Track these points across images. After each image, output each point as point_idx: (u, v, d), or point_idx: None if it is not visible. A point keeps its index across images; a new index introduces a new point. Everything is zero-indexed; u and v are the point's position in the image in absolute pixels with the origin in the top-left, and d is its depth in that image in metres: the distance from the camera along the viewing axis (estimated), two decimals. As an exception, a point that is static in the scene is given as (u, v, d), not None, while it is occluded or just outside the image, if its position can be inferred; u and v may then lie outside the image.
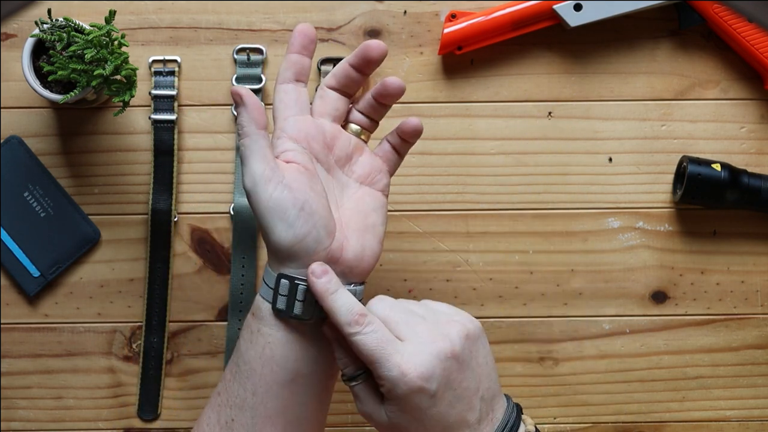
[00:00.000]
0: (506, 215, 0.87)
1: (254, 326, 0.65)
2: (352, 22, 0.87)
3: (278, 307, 0.64)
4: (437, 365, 0.62)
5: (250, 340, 0.65)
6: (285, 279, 0.64)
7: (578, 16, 0.84)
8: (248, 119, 0.66)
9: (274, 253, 0.65)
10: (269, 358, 0.65)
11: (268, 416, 0.65)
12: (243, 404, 0.65)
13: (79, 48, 0.76)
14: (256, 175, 0.64)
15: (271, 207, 0.63)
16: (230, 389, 0.66)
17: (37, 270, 0.86)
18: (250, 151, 0.65)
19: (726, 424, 0.88)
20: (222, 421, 0.65)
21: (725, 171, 0.84)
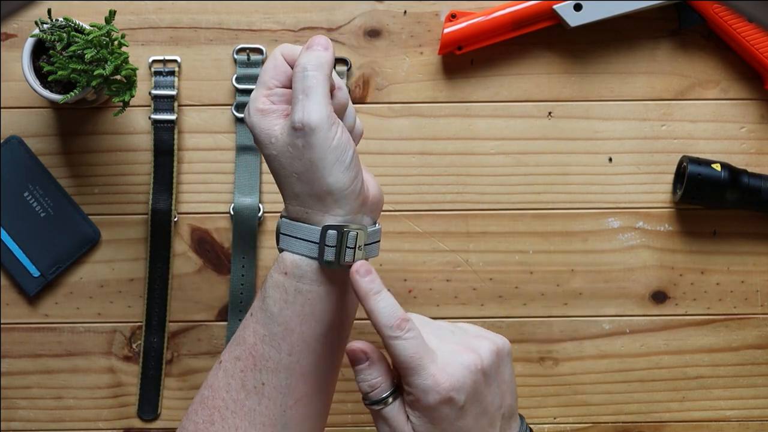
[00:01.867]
0: (506, 215, 0.87)
1: (289, 285, 0.64)
2: (352, 22, 0.87)
3: (327, 259, 0.63)
4: (467, 377, 0.61)
5: (285, 300, 0.64)
6: (332, 230, 0.63)
7: (578, 16, 0.84)
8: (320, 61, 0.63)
9: (322, 198, 0.63)
10: (309, 315, 0.64)
11: (303, 373, 0.65)
12: (277, 366, 0.64)
13: (79, 48, 0.76)
14: (323, 115, 0.62)
15: (335, 147, 0.62)
16: (257, 353, 0.64)
17: (37, 270, 0.86)
18: (319, 85, 0.62)
19: (726, 424, 0.88)
20: (248, 387, 0.64)
21: (725, 171, 0.84)
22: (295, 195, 0.64)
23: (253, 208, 0.86)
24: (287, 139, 0.63)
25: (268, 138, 0.64)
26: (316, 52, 0.64)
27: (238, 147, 0.87)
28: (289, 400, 0.64)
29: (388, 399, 0.63)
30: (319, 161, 0.62)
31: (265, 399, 0.64)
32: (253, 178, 0.86)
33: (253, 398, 0.64)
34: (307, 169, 0.62)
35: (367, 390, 0.63)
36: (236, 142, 0.87)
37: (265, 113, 0.64)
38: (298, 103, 0.62)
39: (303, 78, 0.63)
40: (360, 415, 0.87)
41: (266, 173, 0.87)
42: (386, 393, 0.63)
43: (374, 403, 0.63)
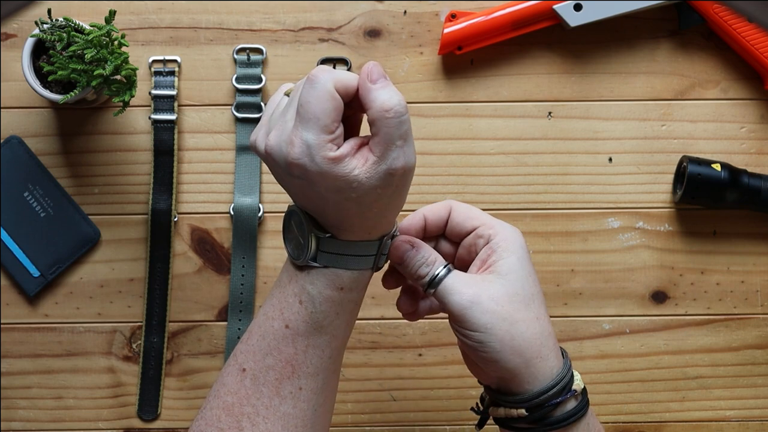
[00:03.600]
0: (506, 215, 0.87)
1: (345, 299, 0.65)
2: (352, 22, 0.87)
3: (380, 266, 0.66)
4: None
5: (336, 313, 0.64)
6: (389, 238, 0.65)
7: (578, 16, 0.84)
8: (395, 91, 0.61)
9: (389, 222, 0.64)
10: (353, 319, 0.66)
11: (334, 371, 0.66)
12: (317, 371, 0.65)
13: (79, 48, 0.76)
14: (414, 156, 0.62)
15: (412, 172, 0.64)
16: (299, 361, 0.65)
17: (37, 270, 0.86)
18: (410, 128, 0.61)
19: (726, 424, 0.88)
20: (284, 393, 0.65)
21: (725, 171, 0.84)
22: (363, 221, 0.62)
23: (253, 208, 0.86)
24: (376, 182, 0.60)
25: (347, 184, 0.60)
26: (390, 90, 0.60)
27: (238, 147, 0.87)
28: (321, 398, 0.66)
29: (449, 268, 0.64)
30: (402, 194, 0.62)
31: (300, 402, 0.65)
32: (253, 178, 0.86)
33: (289, 403, 0.65)
34: (390, 202, 0.62)
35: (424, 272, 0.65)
36: (236, 142, 0.87)
37: (338, 161, 0.59)
38: (398, 149, 0.60)
39: (398, 124, 0.59)
40: (360, 415, 0.88)
41: (266, 173, 0.87)
42: (444, 265, 0.65)
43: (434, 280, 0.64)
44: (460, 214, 0.67)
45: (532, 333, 0.63)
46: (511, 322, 0.63)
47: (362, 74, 0.60)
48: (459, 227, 0.67)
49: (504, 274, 0.64)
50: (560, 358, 0.65)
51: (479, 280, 0.64)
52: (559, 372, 0.64)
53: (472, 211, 0.67)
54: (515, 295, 0.63)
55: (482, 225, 0.66)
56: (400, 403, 0.88)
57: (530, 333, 0.63)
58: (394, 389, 0.88)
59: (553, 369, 0.64)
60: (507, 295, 0.63)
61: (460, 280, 0.64)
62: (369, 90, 0.60)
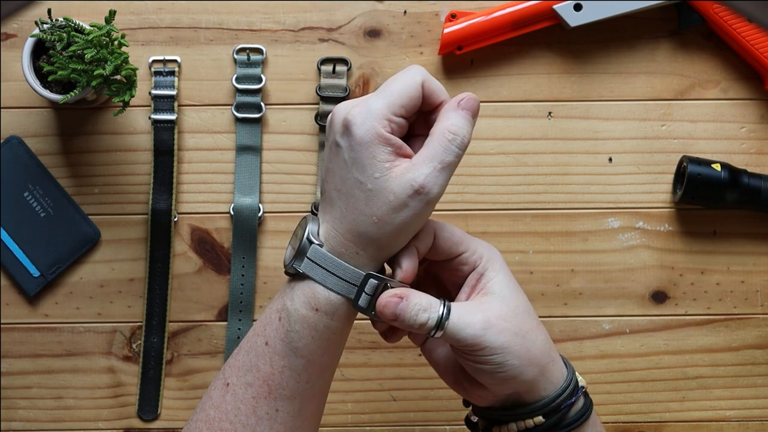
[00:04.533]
0: (506, 215, 0.87)
1: (319, 322, 0.63)
2: (352, 22, 0.87)
3: (360, 305, 0.63)
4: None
5: (312, 337, 0.63)
6: (375, 279, 0.62)
7: (578, 16, 0.84)
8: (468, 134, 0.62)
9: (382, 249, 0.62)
10: (333, 347, 0.65)
11: (314, 395, 0.65)
12: (294, 394, 0.64)
13: (79, 48, 0.76)
14: (441, 192, 0.62)
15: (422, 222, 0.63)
16: (275, 382, 0.64)
17: (37, 270, 0.86)
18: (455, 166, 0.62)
19: (726, 424, 0.88)
20: (261, 413, 0.64)
21: (725, 171, 0.84)
22: (360, 233, 0.62)
23: (253, 208, 0.86)
24: (396, 189, 0.60)
25: (373, 169, 0.60)
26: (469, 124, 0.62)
27: (238, 147, 0.87)
28: (298, 422, 0.65)
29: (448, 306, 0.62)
30: (410, 225, 0.62)
31: (277, 424, 0.64)
32: (253, 178, 0.86)
33: (265, 424, 0.64)
34: (394, 224, 0.61)
35: (423, 318, 0.62)
36: (236, 142, 0.87)
37: (383, 141, 0.60)
38: (433, 170, 0.60)
39: (449, 151, 0.61)
40: (360, 415, 0.88)
41: (266, 173, 0.87)
42: (440, 304, 0.63)
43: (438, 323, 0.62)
44: (445, 241, 0.65)
45: (542, 340, 0.64)
46: (523, 335, 0.63)
47: (458, 96, 0.62)
48: (444, 253, 0.65)
49: (499, 293, 0.64)
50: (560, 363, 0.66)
51: (480, 304, 0.64)
52: (566, 373, 0.65)
53: (454, 236, 0.65)
54: (517, 309, 0.64)
55: (467, 251, 0.65)
56: (400, 403, 0.88)
57: (540, 340, 0.64)
58: (394, 389, 0.88)
59: (562, 370, 0.65)
60: (511, 311, 0.63)
61: (464, 313, 0.63)
62: (452, 108, 0.61)
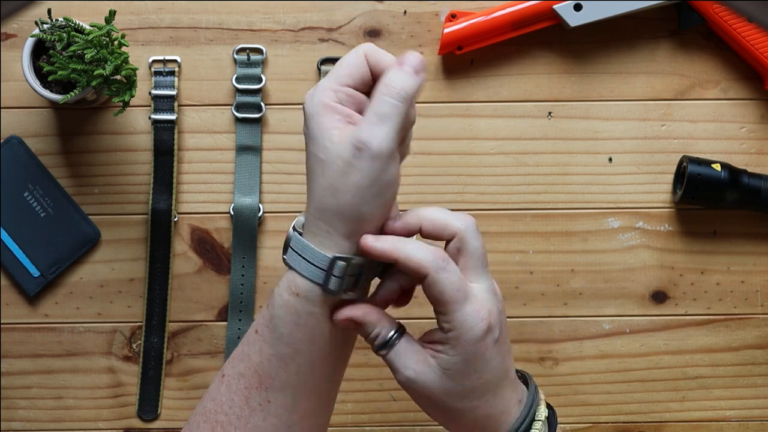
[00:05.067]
0: (506, 215, 0.87)
1: (301, 308, 0.62)
2: (352, 22, 0.87)
3: (330, 288, 0.62)
4: (494, 302, 0.63)
5: (296, 323, 0.63)
6: (342, 261, 0.61)
7: (578, 16, 0.84)
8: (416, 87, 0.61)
9: (349, 221, 0.61)
10: (319, 336, 0.63)
11: (308, 391, 0.64)
12: (284, 386, 0.63)
13: (79, 48, 0.76)
14: (389, 147, 0.60)
15: (384, 182, 0.60)
16: (264, 372, 0.64)
17: (37, 270, 0.86)
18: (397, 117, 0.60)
19: (726, 424, 0.88)
20: (253, 404, 0.64)
21: (725, 171, 0.84)
22: (323, 208, 0.61)
23: (253, 208, 0.86)
24: (341, 152, 0.60)
25: (322, 138, 0.60)
26: (406, 75, 0.61)
27: (238, 147, 0.87)
28: (294, 416, 0.64)
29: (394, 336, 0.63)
30: (363, 188, 0.60)
31: (270, 416, 0.64)
32: (253, 178, 0.86)
33: (258, 415, 0.64)
34: (347, 190, 0.60)
35: (376, 332, 0.63)
36: (236, 142, 0.87)
37: (329, 110, 0.61)
38: (370, 124, 0.60)
39: (384, 102, 0.60)
40: (360, 415, 0.88)
41: (266, 173, 0.87)
42: (395, 331, 0.63)
43: (384, 343, 0.63)
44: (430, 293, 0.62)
45: (467, 420, 0.64)
46: (444, 410, 0.64)
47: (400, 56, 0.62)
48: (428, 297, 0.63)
49: (445, 369, 0.62)
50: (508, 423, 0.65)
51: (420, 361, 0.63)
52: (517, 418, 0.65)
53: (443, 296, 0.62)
54: (451, 389, 0.63)
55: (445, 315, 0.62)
56: (400, 403, 0.88)
57: (465, 420, 0.64)
58: (394, 389, 0.88)
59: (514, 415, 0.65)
60: (442, 388, 0.63)
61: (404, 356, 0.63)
62: (390, 67, 0.61)
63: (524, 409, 0.65)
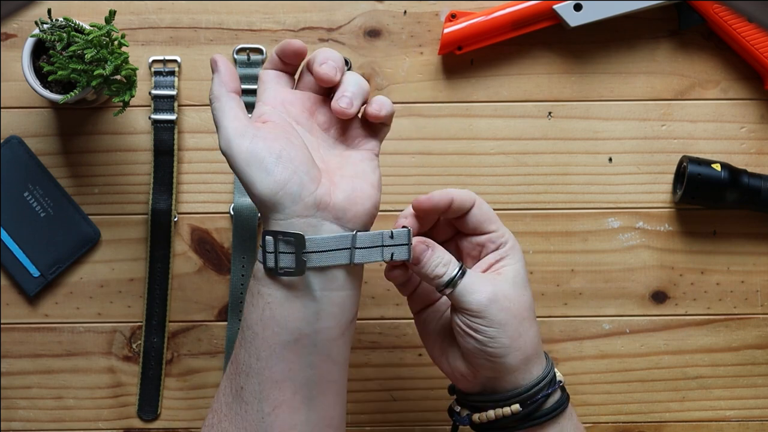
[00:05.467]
0: (506, 215, 0.87)
1: (254, 288, 0.64)
2: (352, 22, 0.87)
3: (268, 266, 0.63)
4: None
5: (251, 303, 0.64)
6: (269, 235, 0.62)
7: (578, 16, 0.84)
8: (219, 83, 0.67)
9: (259, 207, 0.64)
10: (269, 319, 0.63)
11: (275, 380, 0.63)
12: (249, 370, 0.64)
13: (79, 48, 0.76)
14: (229, 132, 0.64)
15: (248, 159, 0.63)
16: (238, 357, 0.65)
17: (37, 270, 0.86)
18: (221, 113, 0.65)
19: (726, 424, 0.88)
20: (234, 390, 0.65)
21: (725, 171, 0.84)
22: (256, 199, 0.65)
23: (253, 208, 0.86)
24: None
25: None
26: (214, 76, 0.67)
27: (238, 147, 0.86)
28: (265, 407, 0.63)
29: (463, 268, 0.67)
30: (242, 174, 0.63)
31: (244, 404, 0.64)
32: (253, 178, 0.86)
33: (238, 403, 0.65)
34: (242, 181, 0.64)
35: (441, 271, 0.67)
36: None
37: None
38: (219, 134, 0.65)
39: (213, 110, 0.66)
40: (360, 415, 0.88)
41: (266, 173, 0.87)
42: (458, 265, 0.67)
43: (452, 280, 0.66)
44: (483, 213, 0.69)
45: (534, 333, 0.68)
46: (520, 320, 0.67)
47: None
48: (477, 225, 0.69)
49: (512, 278, 0.68)
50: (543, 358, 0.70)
51: (492, 279, 0.68)
52: (545, 367, 0.69)
53: (491, 213, 0.70)
54: (522, 296, 0.68)
55: (497, 231, 0.69)
56: (400, 403, 0.88)
57: (532, 333, 0.68)
58: (394, 389, 0.88)
59: (543, 365, 0.69)
60: (517, 296, 0.68)
61: (476, 280, 0.67)
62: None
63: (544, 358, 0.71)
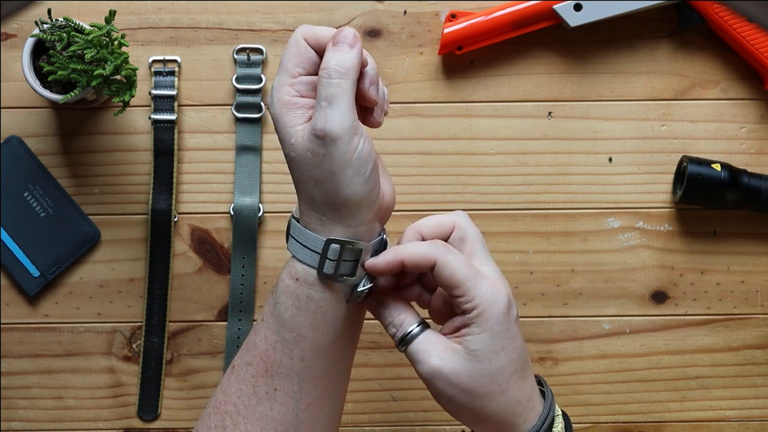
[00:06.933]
0: (506, 215, 0.87)
1: (301, 292, 0.63)
2: (352, 22, 0.87)
3: (326, 272, 0.62)
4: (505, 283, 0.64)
5: (297, 308, 0.63)
6: (335, 244, 0.62)
7: (578, 16, 0.84)
8: (356, 57, 0.60)
9: (337, 208, 0.61)
10: (321, 322, 0.63)
11: (315, 378, 0.64)
12: (289, 372, 0.63)
13: (79, 48, 0.76)
14: (346, 125, 0.59)
15: (355, 159, 0.60)
16: (270, 359, 0.64)
17: (37, 270, 0.86)
18: (344, 93, 0.60)
19: (726, 424, 0.88)
20: (260, 392, 0.64)
21: (725, 171, 0.84)
22: (311, 199, 0.62)
23: (253, 208, 0.86)
24: (307, 144, 0.60)
25: (288, 137, 0.61)
26: (341, 53, 0.60)
27: (238, 147, 0.87)
28: (301, 404, 0.64)
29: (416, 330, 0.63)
30: (338, 172, 0.60)
31: (277, 404, 0.64)
32: (253, 178, 0.86)
33: (265, 404, 0.64)
34: (325, 178, 0.60)
35: (392, 331, 0.64)
36: (236, 142, 0.87)
37: (289, 106, 0.61)
38: (321, 110, 0.59)
39: (327, 85, 0.60)
40: (360, 415, 0.88)
41: (266, 173, 0.87)
42: (414, 324, 0.64)
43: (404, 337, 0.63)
44: (447, 277, 0.62)
45: (496, 407, 0.63)
46: (473, 397, 0.63)
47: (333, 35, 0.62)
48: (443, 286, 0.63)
49: (471, 351, 0.62)
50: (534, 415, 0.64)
51: (446, 348, 0.63)
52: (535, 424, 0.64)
53: (453, 277, 0.62)
54: (480, 372, 0.62)
55: (464, 296, 0.62)
56: (400, 403, 0.88)
57: (494, 407, 0.63)
58: (394, 389, 0.88)
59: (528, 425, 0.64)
60: (470, 372, 0.62)
61: (427, 347, 0.63)
62: (327, 50, 0.61)
63: (547, 400, 0.65)
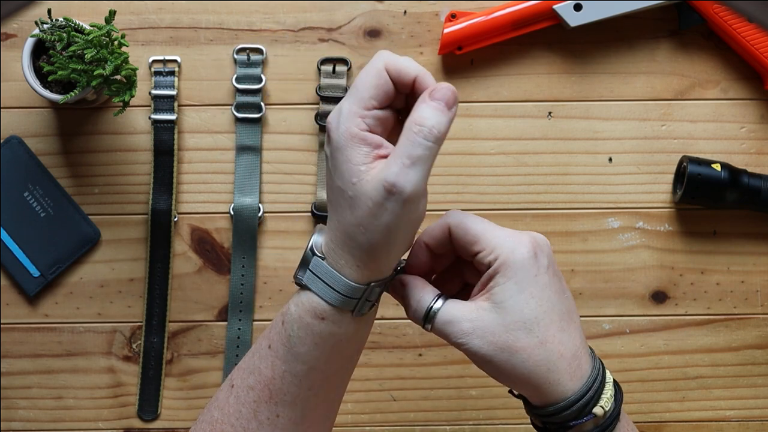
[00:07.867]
0: (506, 215, 0.87)
1: (326, 330, 0.61)
2: (352, 22, 0.87)
3: (361, 313, 0.61)
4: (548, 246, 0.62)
5: (314, 343, 0.61)
6: (378, 288, 0.61)
7: (578, 16, 0.84)
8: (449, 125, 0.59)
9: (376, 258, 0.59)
10: (337, 354, 0.62)
11: (318, 403, 0.64)
12: (295, 400, 0.63)
13: (79, 48, 0.76)
14: (420, 189, 0.57)
15: (414, 220, 0.59)
16: (276, 387, 0.63)
17: (37, 270, 0.86)
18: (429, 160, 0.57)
19: (726, 424, 0.88)
20: (261, 418, 0.63)
21: (725, 171, 0.84)
22: (350, 242, 0.59)
23: (253, 208, 0.86)
24: (372, 193, 0.57)
25: (350, 176, 0.58)
26: (440, 115, 0.58)
27: (238, 147, 0.87)
28: (301, 428, 0.64)
29: (435, 302, 0.61)
30: (395, 229, 0.58)
31: (278, 430, 0.63)
32: (253, 178, 0.86)
33: (266, 429, 0.63)
34: (377, 231, 0.58)
35: (417, 302, 0.62)
36: (236, 142, 0.87)
37: (357, 140, 0.58)
38: (401, 167, 0.56)
39: (417, 144, 0.57)
40: (360, 415, 0.88)
41: (266, 173, 0.87)
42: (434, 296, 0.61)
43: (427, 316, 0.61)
44: (458, 239, 0.61)
45: (535, 361, 0.60)
46: (510, 352, 0.60)
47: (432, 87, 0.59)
48: (462, 251, 0.62)
49: (499, 303, 0.60)
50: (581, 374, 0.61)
51: (474, 309, 0.61)
52: (575, 394, 0.60)
53: (468, 234, 0.61)
54: (512, 323, 0.60)
55: (482, 251, 0.60)
56: (400, 403, 0.88)
57: (533, 361, 0.60)
58: (394, 389, 0.88)
59: (567, 392, 0.60)
60: (502, 325, 0.60)
61: (453, 312, 0.61)
62: (422, 99, 0.58)
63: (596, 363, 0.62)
